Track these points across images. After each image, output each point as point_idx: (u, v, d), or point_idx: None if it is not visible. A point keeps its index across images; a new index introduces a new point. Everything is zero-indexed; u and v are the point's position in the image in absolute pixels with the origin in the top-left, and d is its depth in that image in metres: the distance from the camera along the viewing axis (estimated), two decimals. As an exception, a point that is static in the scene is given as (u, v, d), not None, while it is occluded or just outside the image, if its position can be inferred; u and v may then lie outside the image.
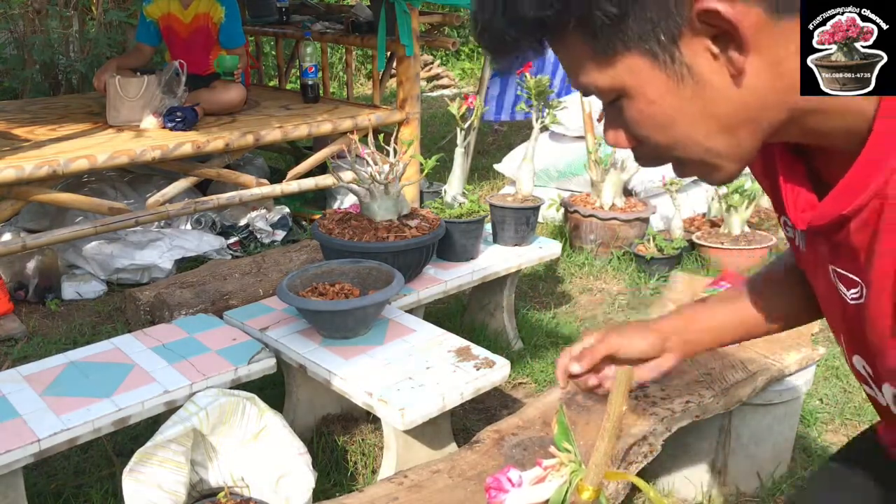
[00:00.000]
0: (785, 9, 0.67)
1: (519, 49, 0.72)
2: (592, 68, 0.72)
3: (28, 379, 1.90)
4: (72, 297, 3.21)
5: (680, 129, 0.72)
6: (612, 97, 0.73)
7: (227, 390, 1.81)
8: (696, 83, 0.69)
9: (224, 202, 3.44)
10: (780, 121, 0.72)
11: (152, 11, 3.88)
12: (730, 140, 0.72)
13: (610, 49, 0.69)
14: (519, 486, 0.89)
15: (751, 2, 0.65)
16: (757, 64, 0.68)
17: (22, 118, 3.72)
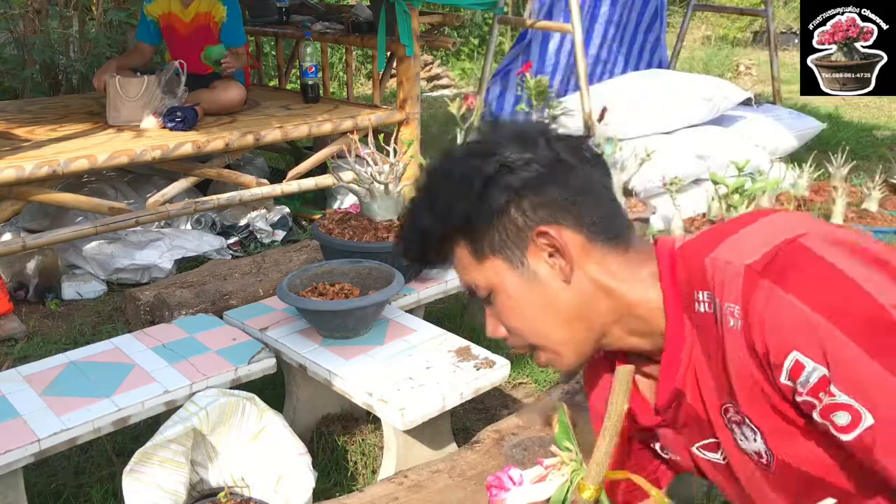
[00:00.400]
0: (596, 237, 0.93)
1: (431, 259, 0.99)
2: (473, 269, 0.96)
3: (28, 379, 1.90)
4: (72, 297, 3.21)
5: (532, 320, 0.95)
6: (487, 293, 0.97)
7: (227, 390, 1.81)
8: (541, 284, 0.93)
9: (224, 202, 3.44)
10: (606, 320, 0.94)
11: (153, 10, 3.88)
12: (568, 332, 0.95)
13: (482, 253, 0.94)
14: (520, 485, 0.88)
15: (575, 230, 0.92)
16: (580, 274, 0.93)
17: (22, 118, 3.72)
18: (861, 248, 0.81)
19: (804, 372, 0.76)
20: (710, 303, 0.86)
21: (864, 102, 6.92)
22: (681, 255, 0.92)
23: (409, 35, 3.77)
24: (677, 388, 0.94)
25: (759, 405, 0.83)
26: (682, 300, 0.90)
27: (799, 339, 0.76)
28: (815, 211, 4.17)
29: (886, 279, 0.78)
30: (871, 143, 5.76)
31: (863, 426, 0.74)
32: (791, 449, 0.85)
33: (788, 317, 0.77)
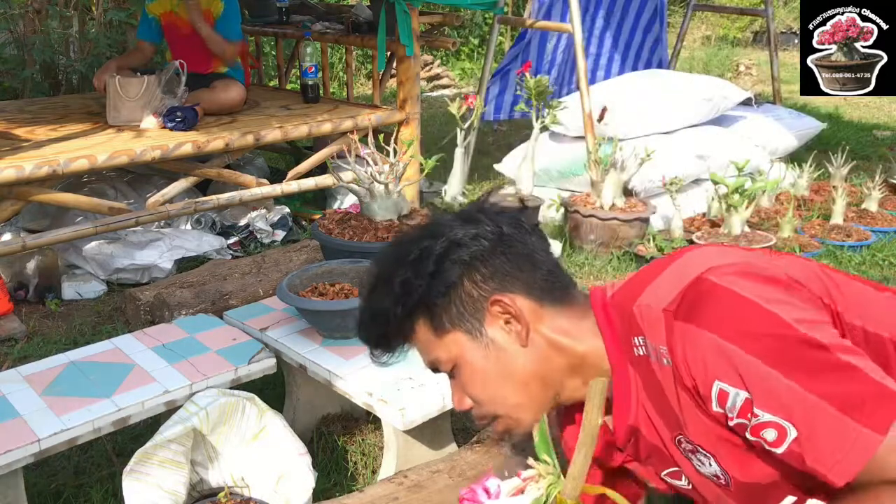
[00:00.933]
0: (543, 300, 1.00)
1: (393, 341, 1.07)
2: (434, 346, 1.03)
3: (28, 379, 1.90)
4: (72, 297, 3.21)
5: (493, 386, 1.00)
6: (450, 367, 1.02)
7: (227, 390, 1.81)
8: (499, 350, 0.99)
9: (224, 202, 3.44)
10: (562, 375, 1.00)
11: (154, 9, 3.88)
12: (525, 393, 1.00)
13: (441, 329, 1.01)
14: (497, 497, 0.87)
15: (525, 296, 0.99)
16: (535, 335, 0.99)
17: (22, 118, 3.72)
18: (770, 273, 0.87)
19: (729, 398, 0.82)
20: (645, 346, 0.93)
21: (864, 102, 6.91)
22: (612, 305, 1.00)
23: (409, 35, 3.77)
24: (631, 426, 1.00)
25: (705, 433, 0.89)
26: (621, 346, 0.97)
27: (717, 369, 0.83)
28: (815, 211, 4.18)
29: (795, 298, 0.84)
30: (871, 143, 5.76)
31: (789, 439, 0.79)
32: (741, 468, 0.90)
33: (704, 350, 0.84)
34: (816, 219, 4.09)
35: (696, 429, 0.91)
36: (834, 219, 3.99)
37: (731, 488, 0.95)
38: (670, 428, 0.95)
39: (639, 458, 1.06)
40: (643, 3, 5.43)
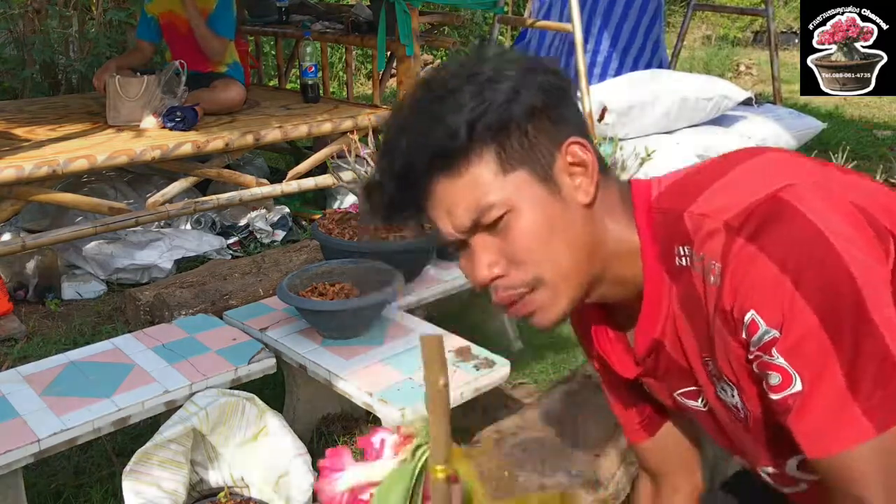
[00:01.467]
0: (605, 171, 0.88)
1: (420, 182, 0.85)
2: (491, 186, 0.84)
3: (28, 379, 1.90)
4: (72, 297, 3.21)
5: (547, 241, 0.85)
6: (501, 213, 0.84)
7: (226, 390, 1.81)
8: (563, 202, 0.85)
9: (224, 202, 3.43)
10: (605, 258, 0.88)
11: (153, 8, 3.88)
12: (576, 260, 0.86)
13: (510, 162, 0.84)
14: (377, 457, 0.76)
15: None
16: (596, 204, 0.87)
17: (21, 118, 3.72)
18: (854, 205, 0.78)
19: (758, 332, 0.76)
20: (690, 257, 0.83)
21: (864, 102, 6.91)
22: (658, 207, 0.89)
23: (409, 35, 3.77)
24: (656, 339, 0.92)
25: (731, 362, 0.83)
26: (659, 251, 0.87)
27: (759, 298, 0.76)
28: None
29: (872, 242, 0.75)
30: (871, 142, 5.75)
31: (790, 391, 0.75)
32: (760, 405, 0.84)
33: (756, 276, 0.76)
34: (816, 219, 4.09)
35: (724, 356, 0.84)
36: (834, 219, 3.99)
37: (748, 424, 0.89)
38: (701, 347, 0.87)
39: (655, 374, 0.98)
40: (643, 4, 5.43)
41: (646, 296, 0.89)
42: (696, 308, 0.84)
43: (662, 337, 0.91)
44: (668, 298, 0.88)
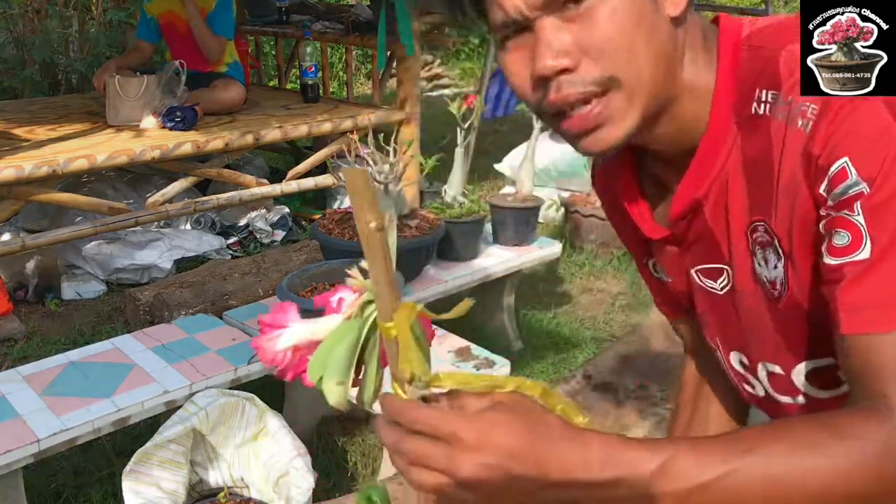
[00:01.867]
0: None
1: None
2: None
3: (28, 379, 1.90)
4: (71, 297, 3.21)
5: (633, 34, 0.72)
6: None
7: (226, 390, 1.81)
8: (652, 4, 0.73)
9: (224, 202, 3.43)
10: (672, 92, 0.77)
11: (153, 8, 3.87)
12: (654, 67, 0.73)
13: None
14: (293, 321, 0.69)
15: None
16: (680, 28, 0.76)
17: (21, 118, 3.72)
18: None
19: (844, 183, 0.67)
20: (775, 103, 0.74)
21: (864, 102, 6.90)
22: (748, 45, 0.77)
23: (409, 35, 3.77)
24: (697, 199, 0.81)
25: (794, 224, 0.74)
26: (736, 99, 0.77)
27: (858, 146, 0.67)
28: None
29: None
30: (871, 142, 5.75)
31: (854, 256, 0.66)
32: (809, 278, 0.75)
33: (862, 122, 0.67)
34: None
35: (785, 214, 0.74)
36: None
37: (779, 304, 0.79)
38: (752, 211, 0.77)
39: (682, 242, 0.87)
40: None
41: (703, 145, 0.78)
42: (763, 163, 0.75)
43: (705, 199, 0.81)
44: (725, 154, 0.78)
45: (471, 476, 0.56)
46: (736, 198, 0.79)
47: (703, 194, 0.80)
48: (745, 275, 0.82)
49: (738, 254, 0.81)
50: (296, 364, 0.70)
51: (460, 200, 2.74)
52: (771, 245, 0.77)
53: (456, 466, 0.57)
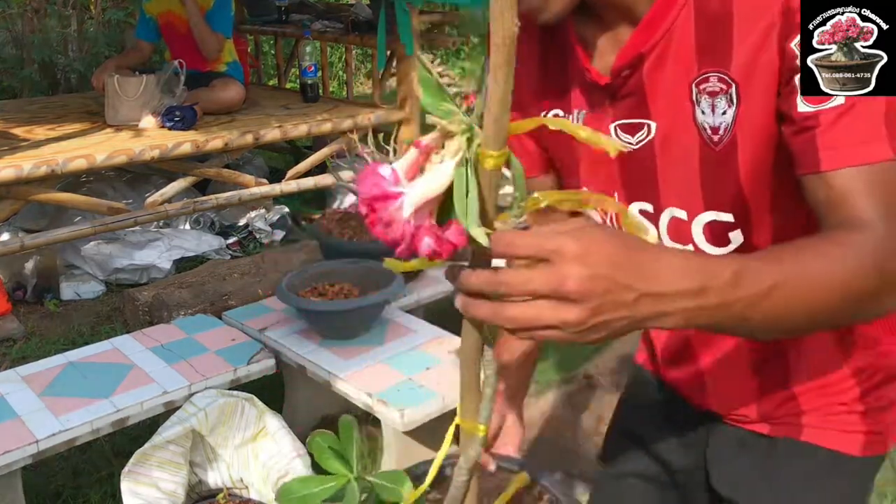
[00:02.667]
0: None
1: None
2: None
3: (26, 379, 1.89)
4: (70, 298, 3.21)
5: None
6: None
7: (226, 391, 1.81)
8: None
9: (223, 202, 3.43)
10: None
11: (152, 8, 3.87)
12: None
13: None
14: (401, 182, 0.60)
15: None
16: None
17: (20, 117, 3.72)
18: None
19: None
20: None
21: (863, 101, 6.90)
22: None
23: (408, 34, 3.77)
24: (641, 53, 0.84)
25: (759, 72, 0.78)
26: None
27: None
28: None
29: None
30: (870, 142, 5.75)
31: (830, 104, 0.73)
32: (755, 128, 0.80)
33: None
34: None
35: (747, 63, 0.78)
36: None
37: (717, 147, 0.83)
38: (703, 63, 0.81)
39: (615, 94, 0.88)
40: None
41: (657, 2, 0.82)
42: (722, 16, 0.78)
43: (648, 53, 0.84)
44: (677, 10, 0.81)
45: (577, 287, 0.58)
46: (682, 52, 0.82)
47: (648, 49, 0.83)
48: (682, 123, 0.85)
49: (672, 105, 0.85)
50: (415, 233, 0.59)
51: (460, 200, 2.74)
52: (725, 93, 0.81)
53: (562, 281, 0.58)
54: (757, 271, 0.65)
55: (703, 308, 0.63)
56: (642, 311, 0.61)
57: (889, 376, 0.98)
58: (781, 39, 0.75)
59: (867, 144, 0.72)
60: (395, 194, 0.59)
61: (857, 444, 0.97)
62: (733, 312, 0.64)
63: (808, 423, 0.99)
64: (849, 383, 0.96)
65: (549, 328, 0.59)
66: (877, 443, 0.98)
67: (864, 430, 0.97)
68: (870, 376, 0.97)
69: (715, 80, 0.81)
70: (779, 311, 0.66)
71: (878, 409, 0.98)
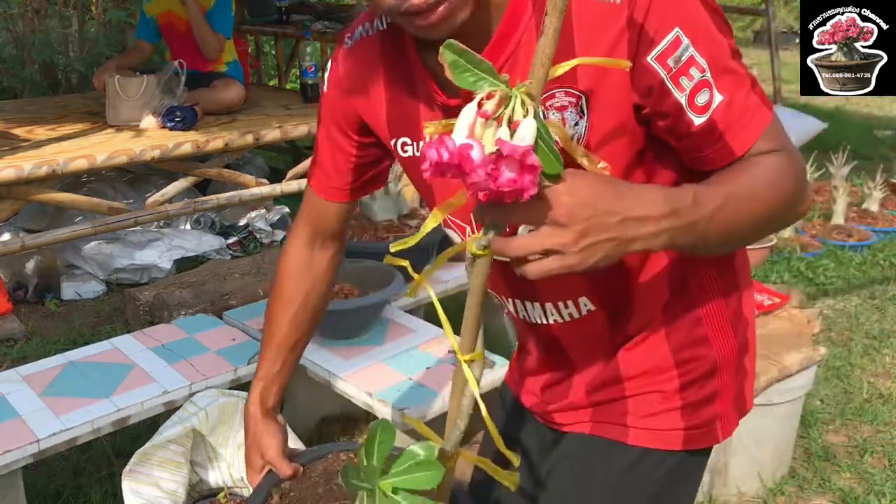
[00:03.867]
0: None
1: None
2: None
3: (27, 379, 1.89)
4: (71, 297, 3.21)
5: None
6: None
7: (226, 391, 1.81)
8: None
9: (224, 202, 3.43)
10: None
11: (152, 9, 3.87)
12: None
13: None
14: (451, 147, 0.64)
15: None
16: None
17: (21, 118, 3.72)
18: None
19: (679, 49, 0.80)
20: None
21: (864, 102, 6.91)
22: None
23: (408, 35, 3.76)
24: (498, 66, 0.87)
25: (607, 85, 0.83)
26: None
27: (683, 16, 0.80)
28: (815, 211, 4.17)
29: None
30: (871, 142, 5.76)
31: (715, 104, 0.82)
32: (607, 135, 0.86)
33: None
34: (817, 219, 4.09)
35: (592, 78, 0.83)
36: (835, 219, 3.99)
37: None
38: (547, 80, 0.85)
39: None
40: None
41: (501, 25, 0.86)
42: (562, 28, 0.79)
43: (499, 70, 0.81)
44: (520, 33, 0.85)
45: (565, 212, 0.69)
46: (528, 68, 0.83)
47: (499, 66, 0.86)
48: None
49: None
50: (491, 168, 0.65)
51: (460, 200, 2.74)
52: (575, 105, 0.86)
53: (554, 210, 0.69)
54: (709, 192, 0.78)
55: (676, 227, 0.74)
56: (628, 233, 0.71)
57: (711, 369, 0.99)
58: (632, 53, 0.81)
59: (755, 118, 0.84)
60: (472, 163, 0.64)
61: (679, 440, 0.99)
62: (698, 230, 0.76)
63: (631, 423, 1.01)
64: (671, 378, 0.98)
65: (550, 253, 0.70)
66: (698, 437, 1.00)
67: (684, 427, 0.98)
68: (691, 370, 0.98)
69: (562, 95, 0.86)
70: (731, 221, 0.79)
71: (699, 402, 0.99)
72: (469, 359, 0.78)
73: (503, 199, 0.66)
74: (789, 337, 2.14)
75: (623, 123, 0.85)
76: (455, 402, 0.79)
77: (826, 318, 3.15)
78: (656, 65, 0.81)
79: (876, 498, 2.11)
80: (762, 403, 2.02)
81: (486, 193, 0.66)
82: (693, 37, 0.80)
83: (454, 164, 0.64)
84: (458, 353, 0.78)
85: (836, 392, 2.62)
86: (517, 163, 0.63)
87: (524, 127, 0.65)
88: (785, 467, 2.19)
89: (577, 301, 0.98)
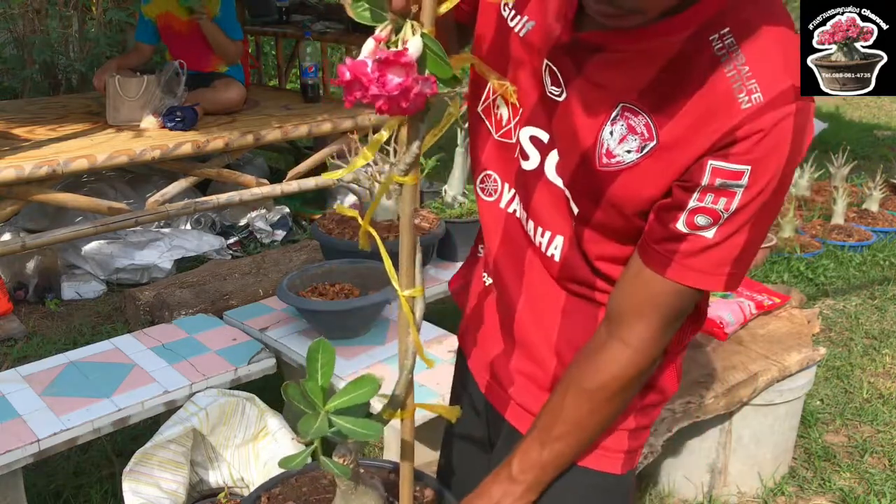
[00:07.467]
0: None
1: None
2: None
3: (28, 379, 1.90)
4: (71, 297, 3.21)
5: None
6: None
7: (226, 391, 1.81)
8: None
9: (224, 202, 3.43)
10: None
11: (150, 10, 3.87)
12: None
13: None
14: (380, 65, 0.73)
15: None
16: None
17: (22, 118, 3.72)
18: None
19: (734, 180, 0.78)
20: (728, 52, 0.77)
21: (864, 102, 6.92)
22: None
23: (409, 35, 3.77)
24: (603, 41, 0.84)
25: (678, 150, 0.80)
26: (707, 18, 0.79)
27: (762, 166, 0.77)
28: (815, 211, 4.17)
29: None
30: (871, 142, 5.76)
31: (701, 233, 0.81)
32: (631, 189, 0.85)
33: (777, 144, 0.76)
34: (817, 219, 4.09)
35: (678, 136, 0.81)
36: (835, 219, 3.99)
37: (599, 166, 0.86)
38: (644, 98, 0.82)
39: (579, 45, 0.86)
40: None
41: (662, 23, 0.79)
42: (683, 81, 0.79)
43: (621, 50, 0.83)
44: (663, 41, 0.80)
45: None
46: (636, 76, 0.82)
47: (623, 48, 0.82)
48: (589, 123, 0.86)
49: (593, 101, 0.85)
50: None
51: (460, 200, 2.74)
52: (640, 135, 0.82)
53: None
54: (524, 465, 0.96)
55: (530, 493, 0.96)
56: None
57: (657, 397, 1.02)
58: (706, 149, 0.78)
59: (706, 274, 0.84)
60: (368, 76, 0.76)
61: (619, 463, 1.01)
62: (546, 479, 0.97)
63: None
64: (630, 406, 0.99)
65: None
66: (631, 460, 1.02)
67: (626, 450, 1.01)
68: (643, 396, 1.00)
69: (642, 123, 0.82)
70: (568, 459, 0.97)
71: (643, 427, 1.02)
72: (410, 294, 0.80)
73: (401, 105, 0.73)
74: (789, 337, 2.15)
75: (652, 196, 0.84)
76: (402, 345, 0.80)
77: (826, 318, 3.15)
78: (709, 171, 0.78)
79: (876, 498, 2.11)
80: (762, 403, 2.02)
81: (383, 102, 0.75)
82: (750, 185, 0.78)
83: (354, 79, 0.75)
84: (397, 289, 0.80)
85: (836, 392, 2.62)
86: (399, 66, 0.72)
87: (411, 43, 0.73)
88: (785, 467, 2.19)
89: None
